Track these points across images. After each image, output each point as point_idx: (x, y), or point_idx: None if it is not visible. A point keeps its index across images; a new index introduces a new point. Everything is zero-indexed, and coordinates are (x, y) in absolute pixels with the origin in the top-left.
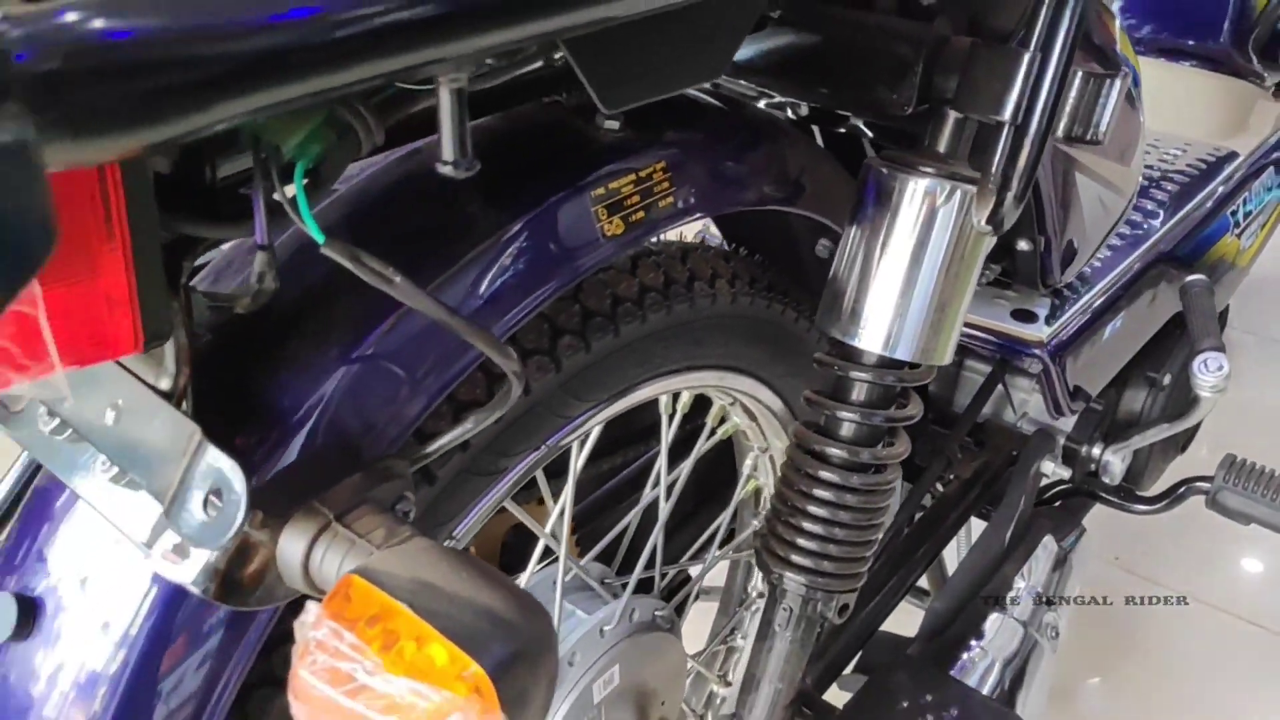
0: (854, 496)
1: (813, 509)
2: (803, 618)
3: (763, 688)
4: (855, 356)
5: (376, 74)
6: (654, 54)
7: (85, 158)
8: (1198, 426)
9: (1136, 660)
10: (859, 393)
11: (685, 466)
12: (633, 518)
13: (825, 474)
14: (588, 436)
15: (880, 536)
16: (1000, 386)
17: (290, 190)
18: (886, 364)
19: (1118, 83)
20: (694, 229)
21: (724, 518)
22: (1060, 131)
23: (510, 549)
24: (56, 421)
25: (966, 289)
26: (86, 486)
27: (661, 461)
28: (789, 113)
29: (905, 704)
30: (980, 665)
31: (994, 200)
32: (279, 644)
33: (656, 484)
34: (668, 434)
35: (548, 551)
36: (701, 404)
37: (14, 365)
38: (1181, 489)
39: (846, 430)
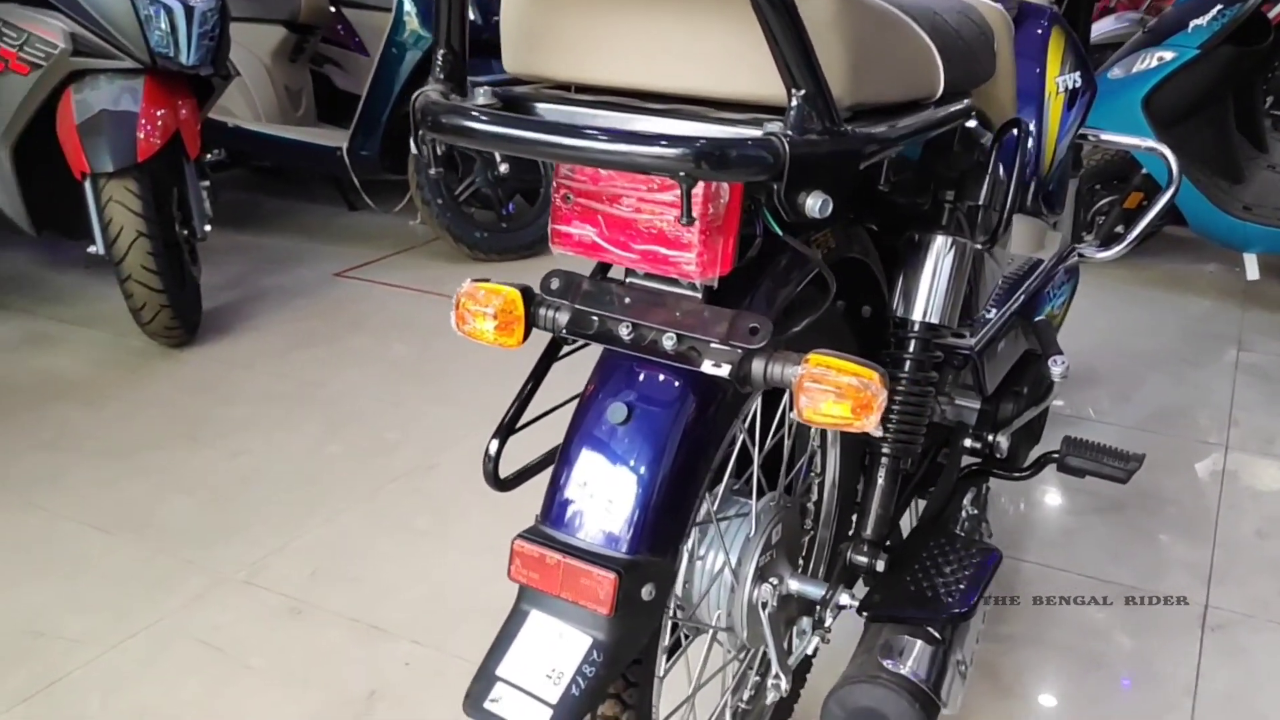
0: (917, 391)
1: (900, 403)
2: (894, 470)
3: (872, 512)
4: (912, 326)
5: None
6: None
7: None
8: (1044, 424)
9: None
10: (915, 345)
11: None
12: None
13: (902, 385)
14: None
15: (925, 423)
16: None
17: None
18: (928, 326)
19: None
20: None
21: (805, 458)
22: (995, 206)
23: None
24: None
25: (965, 284)
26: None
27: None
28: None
29: (930, 541)
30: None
31: (988, 235)
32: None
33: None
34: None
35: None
36: None
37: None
38: (1041, 459)
39: (910, 365)
